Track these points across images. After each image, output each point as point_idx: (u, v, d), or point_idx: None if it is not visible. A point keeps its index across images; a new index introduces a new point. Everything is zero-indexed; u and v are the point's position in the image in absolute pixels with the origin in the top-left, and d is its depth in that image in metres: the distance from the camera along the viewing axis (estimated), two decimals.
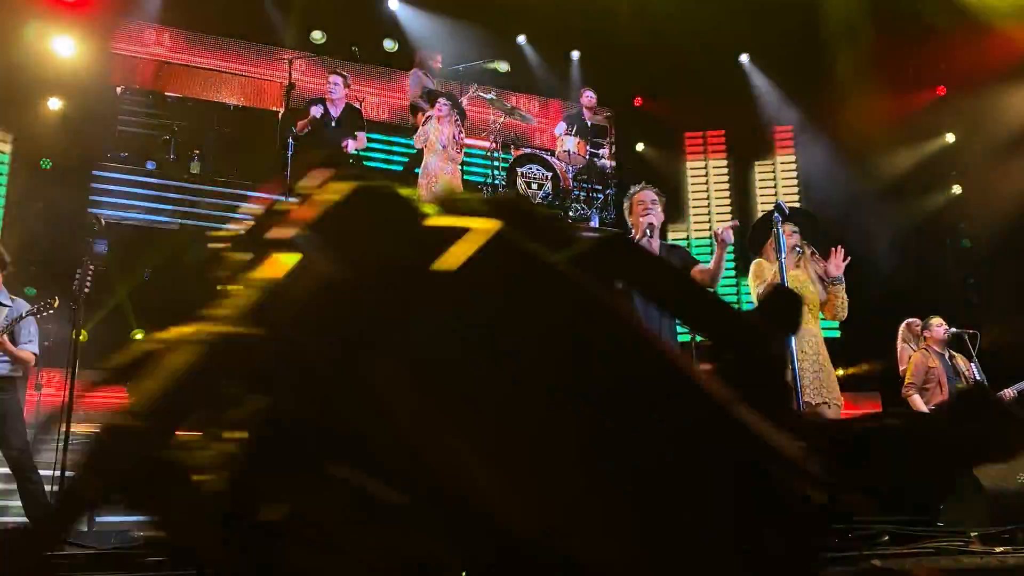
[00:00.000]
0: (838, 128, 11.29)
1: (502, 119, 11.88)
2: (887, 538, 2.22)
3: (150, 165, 10.77)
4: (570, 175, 11.87)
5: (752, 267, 5.28)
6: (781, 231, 4.11)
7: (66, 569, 1.75)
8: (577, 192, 11.91)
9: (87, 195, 9.79)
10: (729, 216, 12.04)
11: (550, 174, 11.77)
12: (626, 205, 5.03)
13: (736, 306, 11.88)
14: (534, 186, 11.76)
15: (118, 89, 10.99)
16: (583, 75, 12.45)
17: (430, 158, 10.37)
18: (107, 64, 10.71)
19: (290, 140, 9.88)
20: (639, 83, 12.32)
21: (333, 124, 10.19)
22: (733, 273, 11.34)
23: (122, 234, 9.36)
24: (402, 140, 12.02)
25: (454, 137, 10.47)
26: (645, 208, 4.80)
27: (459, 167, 10.84)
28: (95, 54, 10.24)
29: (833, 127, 11.38)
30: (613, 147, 12.43)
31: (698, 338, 11.20)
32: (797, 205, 11.21)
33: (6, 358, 5.06)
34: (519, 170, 11.71)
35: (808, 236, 5.14)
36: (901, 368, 7.65)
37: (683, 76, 11.57)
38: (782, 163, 12.54)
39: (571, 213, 11.76)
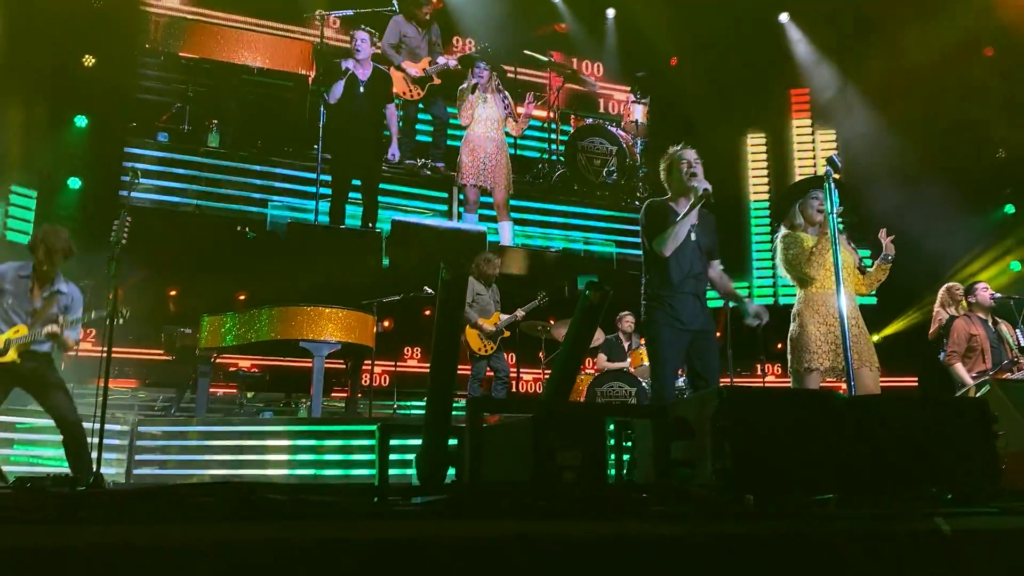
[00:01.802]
0: (879, 90, 11.00)
1: (560, 85, 10.69)
2: (950, 497, 2.14)
3: (162, 137, 9.70)
4: (638, 149, 10.85)
5: (781, 241, 4.89)
6: (833, 186, 3.98)
7: (104, 508, 1.72)
8: (645, 169, 10.74)
9: (121, 151, 9.44)
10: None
11: (615, 148, 10.54)
12: (664, 166, 4.72)
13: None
14: (597, 162, 10.51)
15: None
16: (619, 34, 11.86)
17: (475, 129, 9.57)
18: (135, 20, 9.95)
19: (322, 108, 9.19)
20: (676, 42, 11.91)
21: (361, 89, 9.21)
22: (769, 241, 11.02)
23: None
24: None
25: (506, 108, 9.59)
26: (690, 167, 4.54)
27: (506, 140, 9.85)
28: (125, 8, 9.88)
29: (874, 89, 11.09)
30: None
31: (731, 304, 11.02)
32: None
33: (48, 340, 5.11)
34: (580, 144, 10.57)
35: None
36: (931, 331, 7.50)
37: (721, 35, 11.26)
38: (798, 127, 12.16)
39: (638, 193, 10.69)
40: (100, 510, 1.78)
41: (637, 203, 10.85)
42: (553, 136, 11.02)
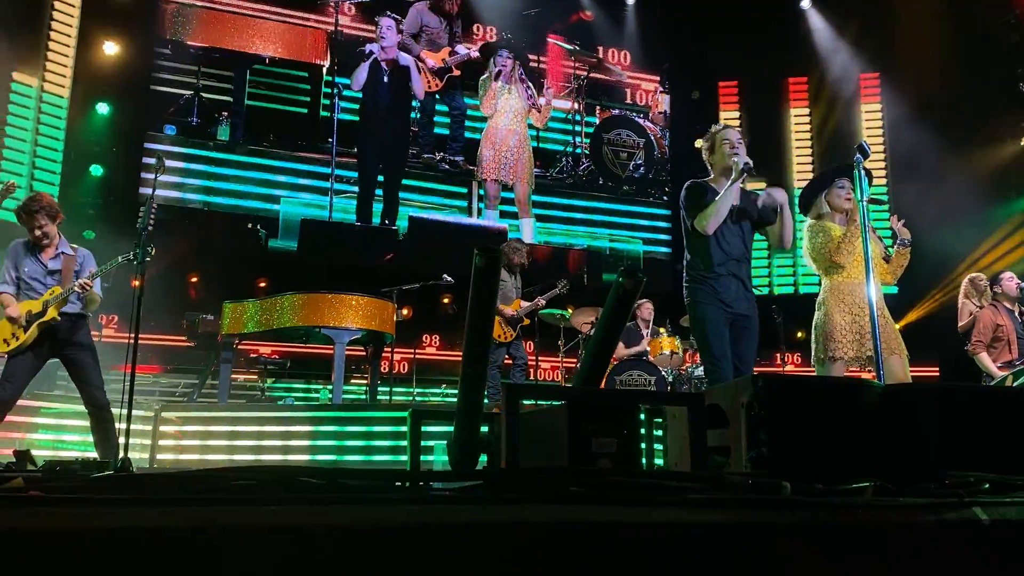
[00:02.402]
0: (904, 76, 10.88)
1: (586, 74, 10.33)
2: (987, 486, 2.12)
3: (169, 130, 9.42)
4: (667, 141, 10.60)
5: (808, 230, 4.85)
6: (863, 173, 3.94)
7: (148, 490, 1.73)
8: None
9: (142, 139, 9.51)
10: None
11: (643, 140, 10.22)
12: (706, 144, 4.54)
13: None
14: (623, 155, 10.14)
15: None
16: (638, 21, 11.57)
17: (497, 121, 9.28)
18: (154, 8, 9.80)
19: (337, 100, 9.04)
20: (695, 28, 11.77)
21: (385, 79, 8.90)
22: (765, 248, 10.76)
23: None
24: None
25: (529, 99, 9.21)
26: (732, 147, 4.39)
27: (528, 133, 9.50)
28: None
29: (899, 74, 10.97)
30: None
31: (776, 290, 10.72)
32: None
33: (79, 299, 5.18)
34: (605, 136, 10.26)
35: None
36: (960, 324, 7.42)
37: (740, 21, 11.13)
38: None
39: (668, 188, 10.42)
40: (138, 492, 1.80)
41: (666, 198, 10.66)
42: (577, 128, 10.65)
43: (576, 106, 10.33)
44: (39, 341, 5.08)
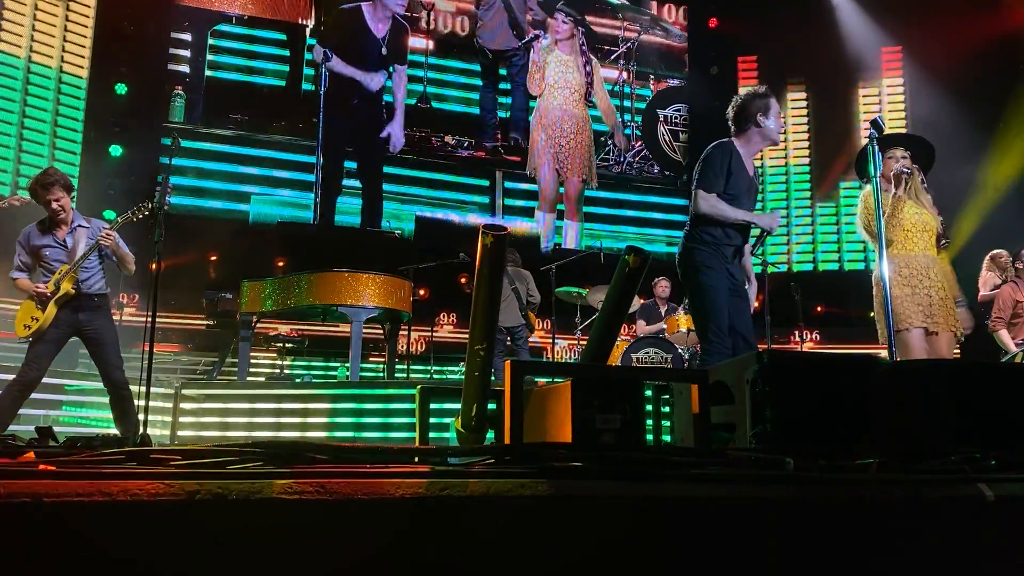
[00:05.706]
0: (930, 54, 10.70)
1: (637, 36, 8.87)
2: (994, 463, 2.11)
3: None
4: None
5: (861, 195, 4.81)
6: (876, 148, 3.91)
7: (154, 463, 1.77)
8: None
9: (162, 119, 9.46)
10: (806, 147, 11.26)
11: None
12: (760, 103, 4.12)
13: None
14: (683, 136, 8.52)
15: None
16: None
17: (550, 100, 8.01)
18: None
19: (323, 71, 7.95)
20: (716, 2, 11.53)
21: (383, 50, 8.07)
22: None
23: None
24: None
25: (587, 76, 7.76)
26: (781, 128, 4.30)
27: (588, 114, 8.00)
28: None
29: (926, 52, 10.79)
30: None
31: (795, 267, 10.30)
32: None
33: (102, 277, 5.23)
34: (661, 113, 8.82)
35: (922, 163, 4.88)
36: (980, 296, 7.40)
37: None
38: (888, 86, 11.68)
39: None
40: (144, 466, 1.83)
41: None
42: (627, 103, 9.08)
43: (625, 76, 8.70)
44: (59, 321, 5.14)
